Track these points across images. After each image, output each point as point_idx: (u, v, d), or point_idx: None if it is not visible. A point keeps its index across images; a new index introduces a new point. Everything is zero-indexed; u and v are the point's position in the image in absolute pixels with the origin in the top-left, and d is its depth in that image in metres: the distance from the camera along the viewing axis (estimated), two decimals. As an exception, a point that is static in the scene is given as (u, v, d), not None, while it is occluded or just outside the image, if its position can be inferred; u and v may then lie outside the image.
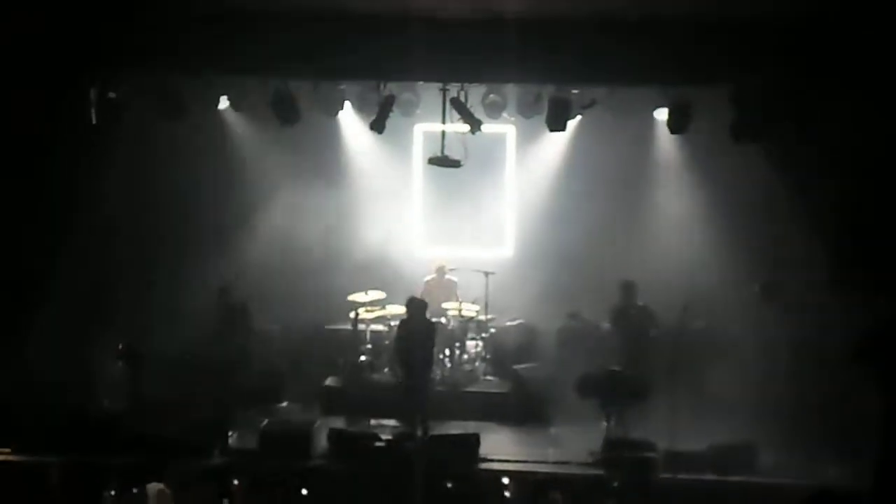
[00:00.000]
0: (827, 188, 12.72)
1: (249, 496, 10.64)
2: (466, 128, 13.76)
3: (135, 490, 10.18)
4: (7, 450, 13.24)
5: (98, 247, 15.08)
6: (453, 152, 13.88)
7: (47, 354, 14.25)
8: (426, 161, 14.59)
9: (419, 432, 13.52)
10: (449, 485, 10.97)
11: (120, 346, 13.85)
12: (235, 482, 10.91)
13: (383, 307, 15.69)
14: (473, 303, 16.01)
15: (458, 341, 15.76)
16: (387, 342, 15.54)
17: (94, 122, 13.70)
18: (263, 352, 15.70)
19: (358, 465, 12.35)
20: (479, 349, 15.97)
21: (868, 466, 8.72)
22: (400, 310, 15.55)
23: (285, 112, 14.11)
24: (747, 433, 12.86)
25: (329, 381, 15.54)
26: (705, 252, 15.12)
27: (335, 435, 13.38)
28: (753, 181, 14.57)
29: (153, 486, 10.03)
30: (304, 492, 10.59)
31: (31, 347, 14.27)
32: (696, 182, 15.63)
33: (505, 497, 10.60)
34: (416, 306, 14.12)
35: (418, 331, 14.02)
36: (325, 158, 16.41)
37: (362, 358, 15.36)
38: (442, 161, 13.94)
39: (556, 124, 14.18)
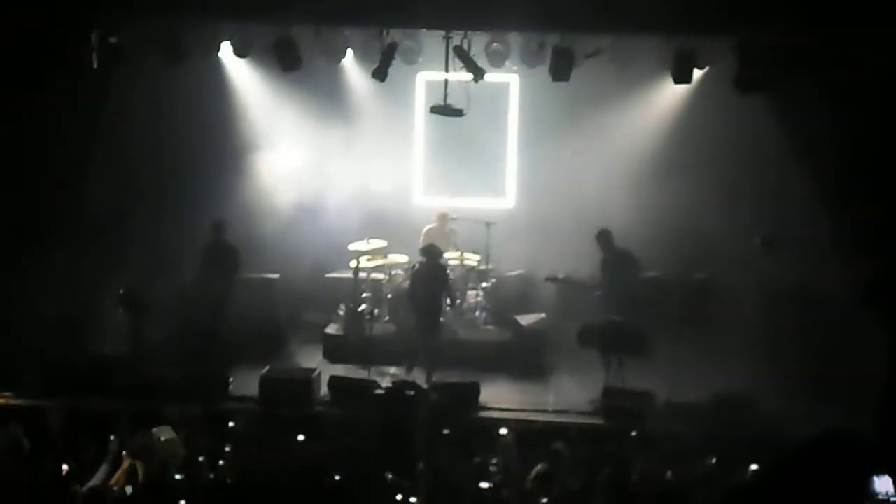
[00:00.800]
0: (831, 138, 12.68)
1: (250, 442, 10.65)
2: (469, 77, 13.68)
3: (140, 435, 10.18)
4: (8, 394, 13.33)
5: (99, 191, 15.02)
6: (456, 101, 13.81)
7: (48, 300, 14.27)
8: (428, 110, 14.52)
9: (421, 380, 13.59)
10: (447, 432, 10.99)
11: (121, 292, 13.83)
12: (235, 427, 10.91)
13: (384, 256, 15.69)
14: (474, 252, 16.01)
15: (458, 290, 15.76)
16: (387, 291, 15.56)
17: (95, 66, 13.62)
18: (263, 299, 15.70)
19: (358, 412, 12.40)
20: (479, 299, 15.99)
21: (870, 416, 8.73)
22: (401, 258, 15.57)
23: (287, 58, 14.02)
24: (748, 383, 12.92)
25: (329, 330, 15.57)
26: (707, 203, 15.08)
27: (335, 382, 13.44)
28: (756, 132, 14.52)
29: (158, 430, 10.06)
30: (302, 438, 10.58)
31: (32, 293, 14.28)
32: (698, 133, 15.55)
33: (503, 445, 10.60)
34: (431, 252, 14.16)
35: (431, 275, 14.07)
36: (326, 106, 16.30)
37: (363, 306, 15.37)
38: (444, 110, 13.87)
39: (560, 73, 14.09)
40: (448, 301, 15.11)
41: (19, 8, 13.00)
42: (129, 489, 8.98)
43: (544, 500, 8.56)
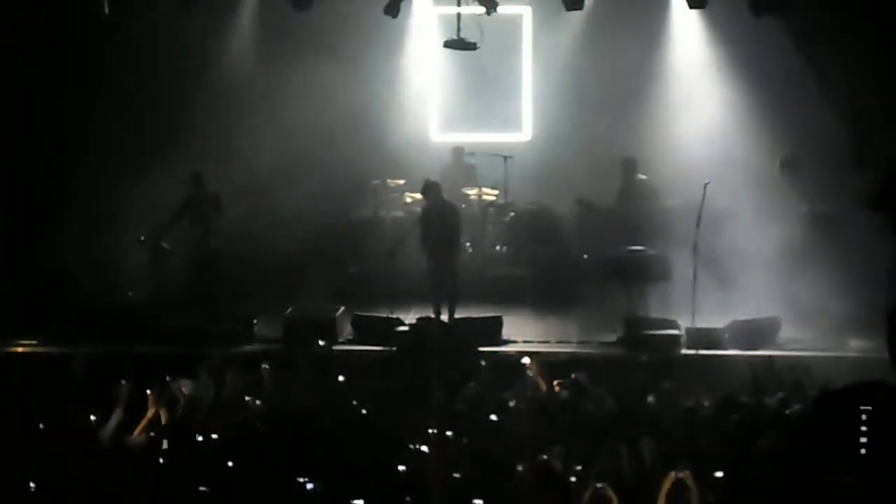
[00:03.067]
0: (847, 61, 12.55)
1: (278, 382, 10.73)
2: (482, 9, 13.57)
3: (164, 385, 10.24)
4: (34, 341, 13.46)
5: (115, 138, 15.02)
6: (469, 34, 13.70)
7: (70, 247, 14.37)
8: (441, 44, 14.42)
9: (444, 316, 13.62)
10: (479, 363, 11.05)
11: (142, 238, 13.89)
12: (264, 367, 10.98)
13: (403, 194, 15.67)
14: (493, 187, 15.97)
15: (477, 225, 15.75)
16: (408, 228, 15.54)
17: (106, 12, 13.58)
18: (285, 240, 15.74)
19: (382, 349, 12.48)
20: (499, 233, 15.98)
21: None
22: (420, 196, 15.54)
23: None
24: (769, 310, 12.92)
25: (351, 269, 15.61)
26: (726, 129, 14.98)
27: (359, 320, 13.51)
28: (773, 56, 14.38)
29: (180, 383, 10.14)
30: (339, 377, 10.66)
31: (54, 241, 14.38)
32: (715, 59, 15.41)
33: (528, 377, 10.65)
34: (430, 189, 14.09)
35: (438, 213, 14.03)
36: (339, 44, 16.15)
37: (384, 244, 15.36)
38: (457, 44, 13.78)
39: (573, 2, 13.98)
40: (468, 238, 15.16)
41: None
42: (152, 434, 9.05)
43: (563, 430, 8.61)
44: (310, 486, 7.55)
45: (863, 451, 6.82)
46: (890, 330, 8.10)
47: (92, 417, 9.52)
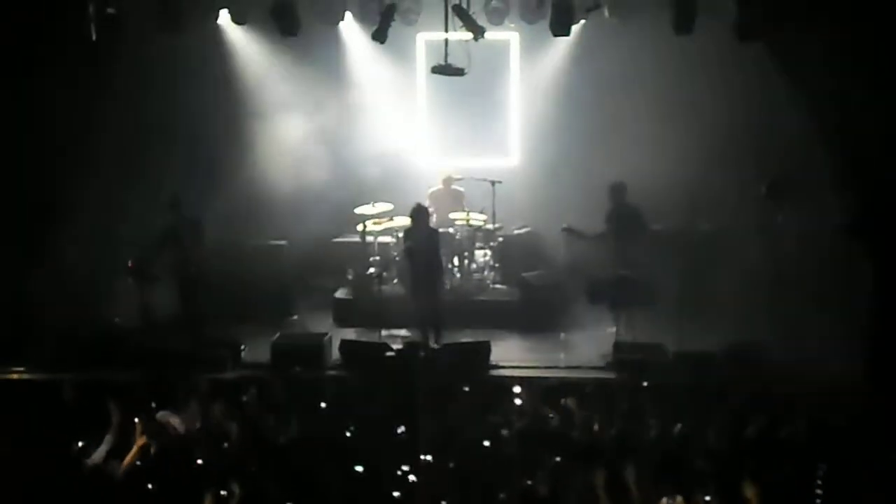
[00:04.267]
0: (831, 85, 12.62)
1: (263, 409, 10.70)
2: (469, 35, 13.61)
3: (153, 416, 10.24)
4: (21, 368, 13.41)
5: (103, 163, 15.00)
6: (457, 60, 13.74)
7: (58, 274, 14.32)
8: (429, 70, 14.45)
9: (431, 342, 13.63)
10: (464, 389, 11.04)
11: (130, 263, 13.86)
12: (252, 393, 10.96)
13: (391, 219, 15.67)
14: (481, 212, 16.00)
15: (466, 251, 15.77)
16: (395, 253, 15.56)
17: (93, 38, 13.58)
18: (271, 265, 15.73)
19: (370, 375, 12.44)
20: (487, 258, 16.00)
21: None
22: (407, 221, 15.53)
23: (286, 22, 13.99)
24: (756, 332, 12.94)
25: (339, 294, 15.61)
26: (712, 154, 15.02)
27: (347, 346, 13.49)
28: (758, 81, 14.45)
29: (164, 415, 10.14)
30: (322, 404, 10.64)
31: (41, 268, 14.33)
32: (702, 84, 15.46)
33: (516, 403, 10.64)
34: (418, 214, 14.13)
35: (423, 239, 14.06)
36: (326, 69, 16.23)
37: (371, 270, 15.39)
38: (445, 70, 13.80)
39: (560, 28, 14.01)
40: (455, 263, 15.19)
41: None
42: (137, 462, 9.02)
43: (554, 456, 8.59)
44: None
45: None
46: (871, 351, 8.20)
47: (79, 444, 9.51)
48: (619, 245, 14.16)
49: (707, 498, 7.88)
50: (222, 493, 7.98)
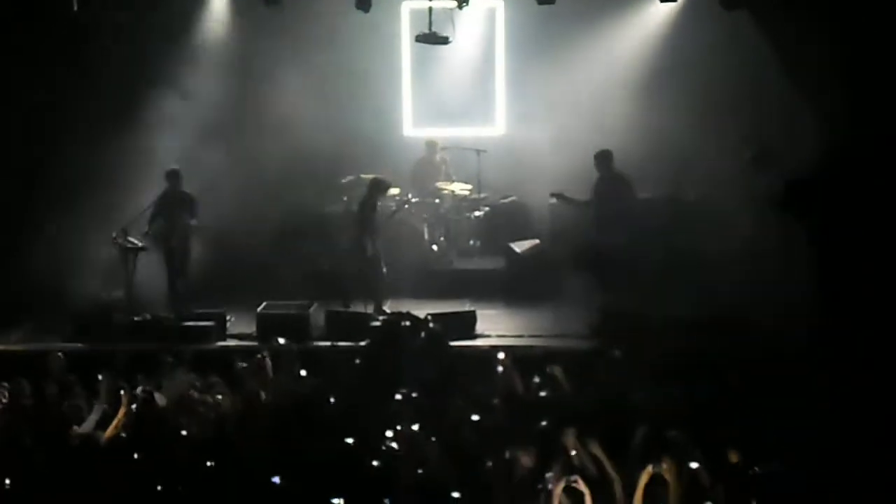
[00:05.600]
0: (816, 53, 12.63)
1: (249, 379, 10.72)
2: (454, 3, 13.56)
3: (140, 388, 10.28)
4: (9, 340, 13.44)
5: (92, 135, 14.93)
6: (441, 29, 13.70)
7: (45, 247, 14.31)
8: (413, 39, 14.41)
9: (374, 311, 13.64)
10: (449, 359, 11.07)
11: (114, 236, 13.83)
12: (240, 365, 10.98)
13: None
14: (466, 182, 15.99)
15: (451, 220, 15.78)
16: (380, 223, 15.52)
17: (75, 9, 13.51)
18: (255, 237, 15.71)
19: (355, 345, 12.46)
20: (472, 227, 16.00)
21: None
22: (392, 191, 15.52)
23: (268, -9, 13.93)
24: (741, 299, 12.99)
25: (324, 265, 15.59)
26: (697, 122, 15.03)
27: (332, 316, 13.51)
28: (744, 49, 14.45)
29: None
30: (304, 373, 10.65)
31: (27, 241, 14.32)
32: (686, 52, 15.46)
33: (501, 372, 10.65)
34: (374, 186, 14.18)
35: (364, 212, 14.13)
36: (310, 39, 16.12)
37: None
38: (430, 38, 13.77)
39: (546, -5, 13.99)
40: (441, 232, 15.26)
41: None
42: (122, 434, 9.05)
43: (543, 423, 8.62)
44: (275, 479, 7.55)
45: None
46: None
47: (65, 414, 9.53)
48: (606, 213, 14.17)
49: (693, 464, 7.91)
50: (208, 463, 7.99)
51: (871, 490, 7.78)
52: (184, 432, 8.93)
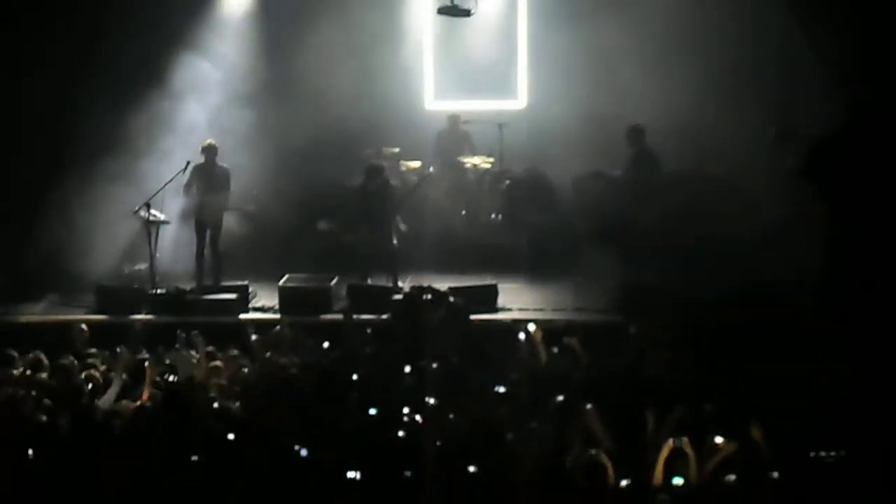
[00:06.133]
0: (841, 29, 12.51)
1: (273, 351, 10.75)
2: (475, -24, 13.51)
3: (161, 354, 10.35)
4: (33, 312, 13.54)
5: (115, 104, 14.98)
6: (463, 2, 13.64)
7: (68, 219, 14.38)
8: (435, 11, 14.35)
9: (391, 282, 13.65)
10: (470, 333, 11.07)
11: (137, 209, 13.87)
12: (257, 338, 11.00)
13: (397, 162, 15.64)
14: (488, 155, 15.95)
15: (472, 193, 15.75)
16: (402, 196, 15.51)
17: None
18: (281, 210, 15.74)
19: (377, 318, 12.49)
20: (494, 201, 15.97)
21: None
22: (414, 164, 15.53)
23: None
24: (764, 275, 12.93)
25: (345, 237, 15.60)
26: (721, 98, 14.95)
27: (353, 289, 13.53)
28: (768, 26, 14.35)
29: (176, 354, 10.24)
30: (326, 344, 10.67)
31: (52, 213, 14.39)
32: (710, 28, 15.37)
33: (523, 344, 10.63)
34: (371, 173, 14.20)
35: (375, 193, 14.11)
36: (331, 12, 16.06)
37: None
38: (452, 11, 13.75)
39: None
40: (463, 206, 15.25)
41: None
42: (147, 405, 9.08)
43: (559, 398, 8.61)
44: (303, 451, 7.58)
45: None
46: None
47: (89, 386, 9.59)
48: (637, 189, 14.14)
49: (718, 440, 7.89)
50: (230, 436, 8.03)
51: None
52: (209, 404, 8.96)
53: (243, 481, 7.44)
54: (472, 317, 12.49)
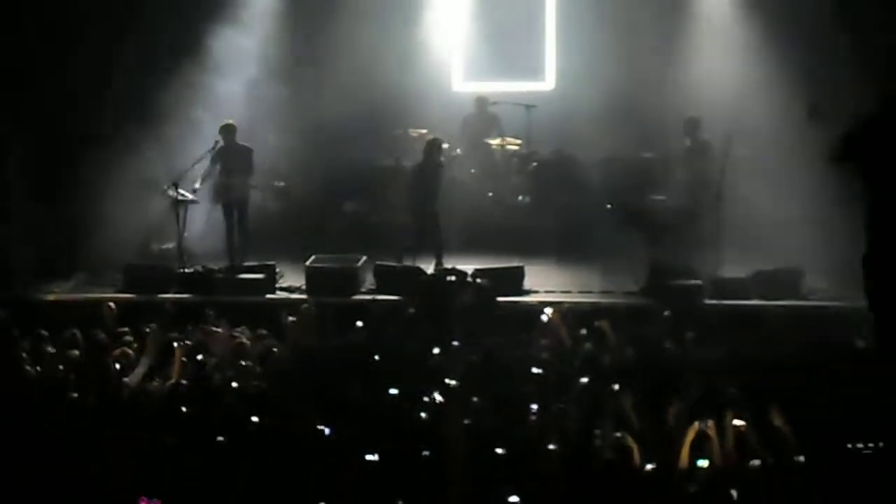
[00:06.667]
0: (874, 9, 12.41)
1: (300, 330, 10.78)
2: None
3: (191, 331, 10.39)
4: (65, 288, 13.62)
5: (137, 86, 15.03)
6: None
7: (94, 199, 14.43)
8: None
9: (434, 264, 13.65)
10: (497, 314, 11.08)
11: (165, 188, 13.91)
12: (288, 318, 11.03)
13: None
14: (516, 137, 15.91)
15: (500, 175, 15.72)
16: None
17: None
18: (308, 190, 15.77)
19: (404, 298, 12.51)
20: (521, 183, 15.94)
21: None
22: (443, 146, 15.48)
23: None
24: (792, 259, 12.86)
25: (373, 218, 15.64)
26: (750, 80, 14.85)
27: (381, 270, 13.54)
28: (798, 6, 14.25)
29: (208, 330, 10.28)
30: (359, 323, 10.69)
31: (81, 191, 14.46)
32: (739, 10, 15.27)
33: (549, 326, 10.62)
34: (431, 147, 14.15)
35: (428, 171, 14.06)
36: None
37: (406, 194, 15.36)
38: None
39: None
40: (491, 188, 15.23)
41: None
42: (182, 382, 9.10)
43: (585, 379, 8.59)
44: (327, 430, 7.59)
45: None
46: (866, 275, 8.05)
47: (117, 365, 9.62)
48: (693, 179, 14.12)
49: (738, 422, 7.85)
50: (253, 419, 8.04)
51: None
52: (234, 384, 8.98)
53: (266, 461, 7.44)
54: (499, 299, 12.56)
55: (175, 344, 9.68)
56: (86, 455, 7.60)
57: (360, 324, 10.75)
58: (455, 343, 9.64)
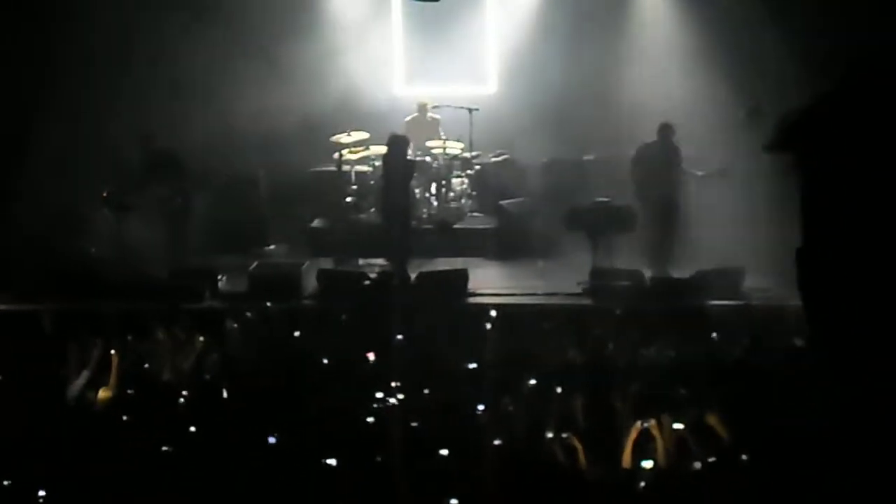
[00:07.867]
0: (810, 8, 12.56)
1: (241, 338, 10.69)
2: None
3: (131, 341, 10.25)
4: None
5: (73, 92, 14.84)
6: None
7: (33, 205, 14.24)
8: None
9: (403, 272, 13.61)
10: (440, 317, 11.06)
11: (105, 194, 13.75)
12: (230, 324, 10.93)
13: (367, 147, 15.58)
14: (458, 140, 15.92)
15: (443, 179, 15.72)
16: (372, 182, 15.48)
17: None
18: (249, 196, 15.66)
19: (347, 303, 12.43)
20: (464, 186, 15.97)
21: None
22: (383, 149, 15.43)
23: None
24: (735, 259, 12.97)
25: (316, 223, 15.57)
26: (689, 82, 14.98)
27: (324, 275, 13.47)
28: (734, 8, 14.40)
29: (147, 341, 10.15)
30: (297, 333, 10.62)
31: (17, 199, 14.25)
32: (678, 13, 15.40)
33: (493, 329, 10.64)
34: (394, 144, 14.03)
35: (399, 168, 13.98)
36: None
37: (348, 199, 15.33)
38: (421, -5, 13.67)
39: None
40: (432, 191, 15.20)
41: None
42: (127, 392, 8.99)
43: (531, 381, 8.61)
44: (271, 439, 7.52)
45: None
46: (799, 270, 8.11)
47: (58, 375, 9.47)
48: (646, 180, 14.15)
49: (677, 425, 7.88)
50: (191, 429, 7.94)
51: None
52: (176, 392, 8.88)
53: (211, 470, 7.36)
54: (442, 301, 12.55)
55: (112, 352, 9.56)
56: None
57: (301, 328, 10.69)
58: (400, 346, 9.62)
